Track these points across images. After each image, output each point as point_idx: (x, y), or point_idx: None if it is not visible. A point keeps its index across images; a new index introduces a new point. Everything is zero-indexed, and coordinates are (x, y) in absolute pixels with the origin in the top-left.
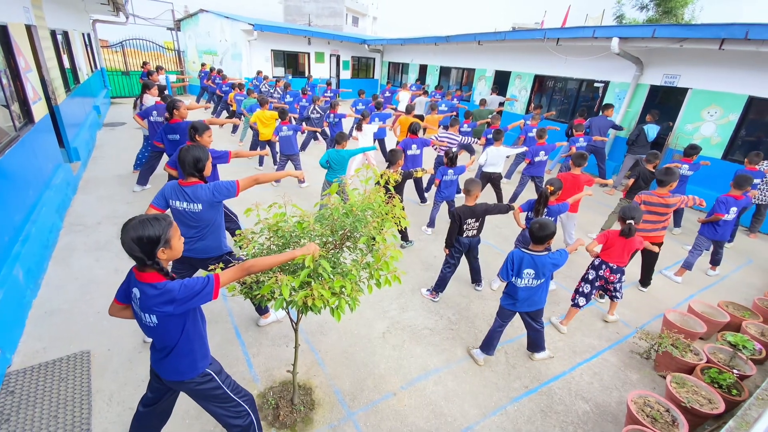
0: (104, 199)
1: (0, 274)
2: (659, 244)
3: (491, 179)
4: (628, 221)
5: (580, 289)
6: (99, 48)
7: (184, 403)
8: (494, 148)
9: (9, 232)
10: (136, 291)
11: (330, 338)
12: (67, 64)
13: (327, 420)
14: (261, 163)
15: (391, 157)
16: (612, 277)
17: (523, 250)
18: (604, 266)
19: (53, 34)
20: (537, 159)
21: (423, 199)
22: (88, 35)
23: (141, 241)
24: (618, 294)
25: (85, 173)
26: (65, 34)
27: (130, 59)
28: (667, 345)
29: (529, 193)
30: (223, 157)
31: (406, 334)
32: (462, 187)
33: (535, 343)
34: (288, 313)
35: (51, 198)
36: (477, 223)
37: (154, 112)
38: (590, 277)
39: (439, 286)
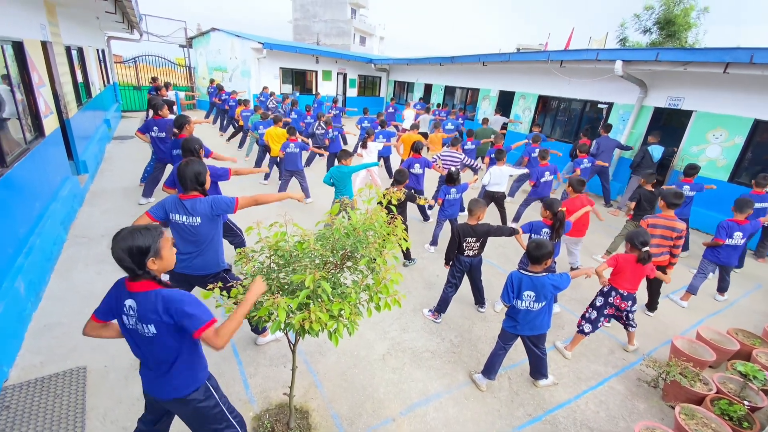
0: (109, 212)
1: (1, 287)
2: (664, 268)
3: (495, 198)
4: (645, 249)
5: (587, 315)
6: (112, 63)
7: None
8: (497, 167)
9: (13, 244)
10: (131, 302)
11: (329, 359)
12: (80, 78)
13: None
14: (267, 177)
15: (399, 177)
16: (623, 305)
17: (522, 271)
18: (614, 293)
19: (68, 50)
20: (543, 180)
21: (426, 218)
22: (103, 51)
23: (131, 251)
24: (632, 323)
25: (92, 186)
26: (80, 50)
27: (142, 74)
28: (675, 374)
29: (533, 212)
30: (223, 175)
31: (407, 356)
32: (466, 206)
33: (537, 370)
34: (286, 334)
35: (57, 210)
36: (477, 243)
37: (155, 128)
38: (598, 304)
39: (441, 306)
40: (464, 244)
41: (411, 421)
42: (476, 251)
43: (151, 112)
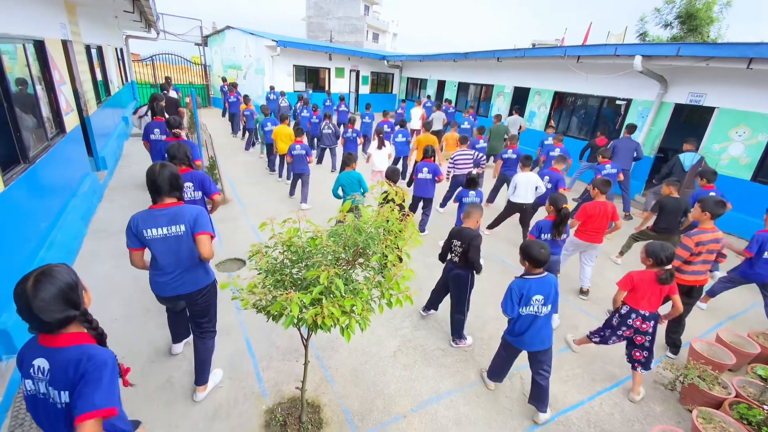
0: (127, 208)
1: None
2: (703, 287)
3: (521, 211)
4: (667, 268)
5: (600, 332)
6: (130, 62)
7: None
8: (524, 174)
9: (35, 238)
10: (41, 362)
11: (340, 355)
12: (99, 77)
13: None
14: (280, 175)
15: (391, 176)
16: (644, 326)
17: (525, 278)
18: (633, 315)
19: (88, 48)
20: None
21: (422, 230)
22: (121, 50)
23: (63, 293)
24: (648, 362)
25: (110, 182)
26: (99, 49)
27: (159, 72)
28: (693, 377)
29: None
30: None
31: (418, 353)
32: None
33: (537, 396)
34: (299, 329)
35: (77, 205)
36: (461, 250)
37: (156, 130)
38: (614, 323)
39: (428, 304)
40: (451, 247)
41: (422, 419)
42: (458, 259)
43: (145, 109)
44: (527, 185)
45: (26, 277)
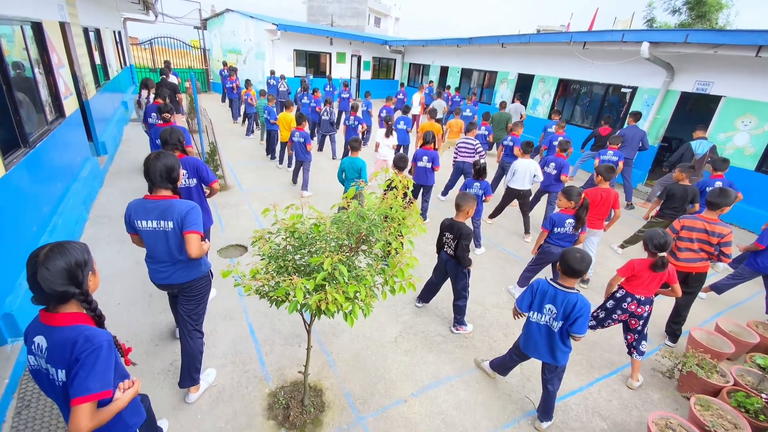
0: (128, 193)
1: None
2: (703, 275)
3: (518, 197)
4: (660, 255)
5: (594, 314)
6: (129, 45)
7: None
8: (523, 161)
9: (37, 222)
10: (41, 340)
11: (342, 340)
12: (98, 60)
13: (336, 423)
14: (281, 161)
15: (399, 163)
16: (639, 310)
17: (550, 282)
18: (629, 299)
19: (86, 31)
20: (546, 170)
21: (423, 218)
22: (119, 33)
23: (70, 268)
24: (642, 344)
25: (111, 167)
26: (97, 32)
27: (158, 56)
28: (692, 365)
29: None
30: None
31: (419, 339)
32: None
33: (544, 403)
34: (302, 314)
35: (78, 190)
36: (453, 242)
37: (154, 114)
38: (609, 306)
39: (422, 294)
40: (444, 238)
41: (422, 403)
42: (451, 251)
43: (144, 94)
44: (525, 172)
45: (43, 246)
